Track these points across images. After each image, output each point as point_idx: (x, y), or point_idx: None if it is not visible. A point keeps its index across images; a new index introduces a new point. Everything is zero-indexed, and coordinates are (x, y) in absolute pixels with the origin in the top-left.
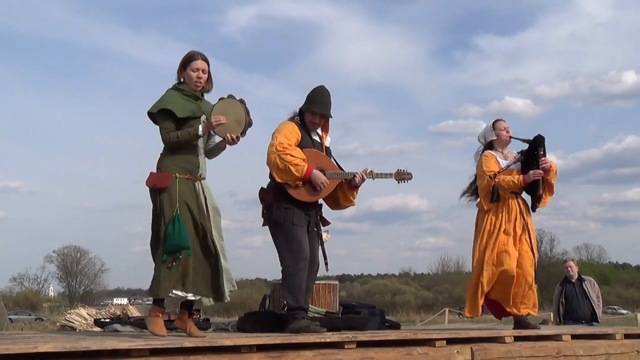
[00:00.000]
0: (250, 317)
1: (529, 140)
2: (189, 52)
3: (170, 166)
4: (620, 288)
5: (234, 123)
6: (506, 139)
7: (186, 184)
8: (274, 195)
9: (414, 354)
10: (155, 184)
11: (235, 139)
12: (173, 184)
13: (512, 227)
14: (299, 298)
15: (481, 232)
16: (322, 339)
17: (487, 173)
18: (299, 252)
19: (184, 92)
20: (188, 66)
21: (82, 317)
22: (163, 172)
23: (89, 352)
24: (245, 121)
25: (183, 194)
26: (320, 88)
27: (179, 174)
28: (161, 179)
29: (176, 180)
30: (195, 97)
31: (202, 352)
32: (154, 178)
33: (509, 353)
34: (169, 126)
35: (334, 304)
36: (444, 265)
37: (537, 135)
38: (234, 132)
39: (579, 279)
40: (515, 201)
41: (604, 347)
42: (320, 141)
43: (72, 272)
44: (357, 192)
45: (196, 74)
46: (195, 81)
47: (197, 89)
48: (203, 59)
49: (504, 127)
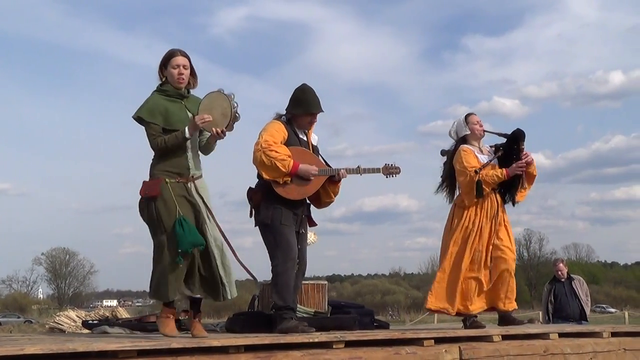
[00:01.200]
0: (239, 318)
1: (506, 134)
2: (168, 50)
3: (159, 172)
4: (609, 287)
5: (220, 117)
6: (480, 133)
7: (177, 187)
8: (262, 195)
9: (402, 354)
10: (147, 192)
11: (220, 133)
12: (164, 190)
13: (491, 223)
14: (287, 297)
15: (458, 228)
16: (311, 339)
17: (469, 169)
18: (287, 252)
19: (167, 92)
20: (168, 64)
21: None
22: (153, 180)
23: (76, 353)
24: (231, 114)
25: (178, 196)
26: (306, 87)
27: (168, 178)
28: (151, 187)
29: (167, 185)
30: (181, 96)
31: (189, 353)
32: (145, 187)
33: (497, 352)
34: (155, 131)
35: (322, 303)
36: (433, 265)
37: (517, 129)
38: (220, 126)
39: (568, 278)
40: (494, 197)
41: (591, 345)
42: (306, 139)
43: (61, 274)
44: (338, 187)
45: (177, 70)
46: (178, 78)
47: (181, 85)
48: (183, 55)
49: (477, 121)
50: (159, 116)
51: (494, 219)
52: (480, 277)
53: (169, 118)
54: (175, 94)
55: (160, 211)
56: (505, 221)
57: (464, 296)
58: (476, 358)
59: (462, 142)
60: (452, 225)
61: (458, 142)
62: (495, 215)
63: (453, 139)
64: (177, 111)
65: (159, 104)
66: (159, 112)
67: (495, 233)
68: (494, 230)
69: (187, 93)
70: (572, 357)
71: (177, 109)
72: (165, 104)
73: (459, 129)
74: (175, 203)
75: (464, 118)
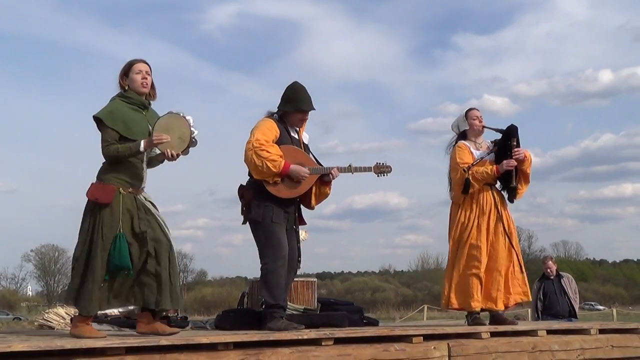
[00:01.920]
0: (228, 315)
1: (502, 130)
2: (129, 61)
3: (113, 179)
4: (597, 284)
5: (177, 140)
6: (479, 129)
7: (129, 198)
8: (253, 193)
9: (391, 350)
10: (97, 198)
11: (175, 156)
12: (116, 200)
13: (486, 220)
14: (277, 295)
15: (455, 225)
16: (300, 335)
17: (460, 165)
18: (278, 250)
19: (131, 99)
20: (130, 71)
21: (60, 317)
22: (106, 185)
23: (64, 350)
24: (189, 140)
25: (125, 210)
26: (297, 85)
27: (122, 188)
28: (104, 193)
29: (119, 196)
30: (143, 106)
31: (178, 350)
32: (95, 191)
33: (486, 349)
34: (112, 137)
35: (312, 300)
36: (423, 263)
37: (510, 125)
38: (176, 150)
39: (557, 276)
40: (490, 193)
41: (579, 342)
42: (298, 138)
43: (50, 271)
44: (329, 187)
45: (140, 75)
46: (141, 82)
47: (145, 90)
48: (145, 62)
49: (477, 117)
50: (120, 123)
51: (489, 215)
52: (479, 274)
53: (131, 127)
54: (138, 102)
55: (104, 220)
56: (503, 218)
57: (465, 293)
58: (465, 355)
59: (461, 137)
60: (450, 223)
61: (458, 137)
62: (490, 211)
63: (455, 133)
64: (138, 121)
65: (122, 111)
66: (121, 119)
67: (491, 230)
68: (491, 226)
69: (148, 104)
70: (560, 354)
71: (139, 119)
72: (128, 112)
73: (459, 123)
74: (120, 217)
75: (465, 113)
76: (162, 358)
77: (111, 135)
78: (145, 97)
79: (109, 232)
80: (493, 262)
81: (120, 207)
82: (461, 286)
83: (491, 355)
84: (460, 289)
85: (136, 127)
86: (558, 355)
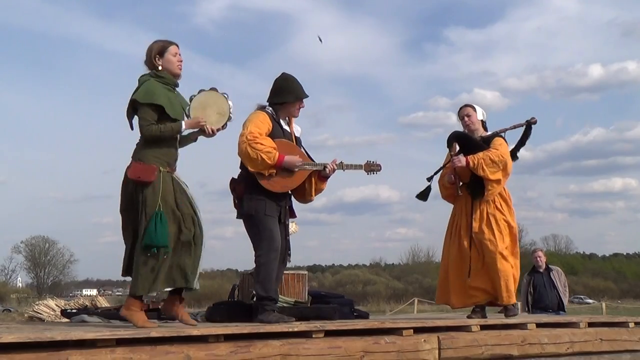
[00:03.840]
0: (219, 307)
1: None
2: (159, 41)
3: (153, 159)
4: (587, 278)
5: (216, 116)
6: (465, 129)
7: (169, 177)
8: (245, 187)
9: (381, 343)
10: (140, 176)
11: (215, 132)
12: (158, 179)
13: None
14: (269, 288)
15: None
16: (290, 328)
17: None
18: (271, 243)
19: (165, 80)
20: (166, 52)
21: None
22: (147, 165)
23: (54, 342)
24: (228, 115)
25: (166, 189)
26: (288, 76)
27: (162, 167)
28: (146, 172)
29: (160, 175)
30: (175, 86)
31: (169, 342)
32: (138, 170)
33: (475, 341)
34: (151, 118)
35: (302, 293)
36: (414, 256)
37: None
38: (215, 125)
39: (546, 269)
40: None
41: (568, 335)
42: (290, 130)
43: (40, 263)
44: (325, 183)
45: (176, 57)
46: (178, 65)
47: (180, 72)
48: (177, 45)
49: (462, 116)
50: (165, 101)
51: (471, 215)
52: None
53: (172, 107)
54: (172, 83)
55: (147, 199)
56: (487, 214)
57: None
58: (455, 347)
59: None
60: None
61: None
62: (471, 211)
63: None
64: (175, 101)
65: (161, 91)
66: (165, 97)
67: (476, 227)
68: (469, 225)
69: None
70: (549, 347)
71: (175, 99)
72: (166, 92)
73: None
74: (160, 196)
75: (458, 111)
76: (152, 350)
77: (151, 115)
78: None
79: (149, 211)
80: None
81: (161, 187)
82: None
83: (481, 348)
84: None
85: (176, 108)
86: (547, 349)
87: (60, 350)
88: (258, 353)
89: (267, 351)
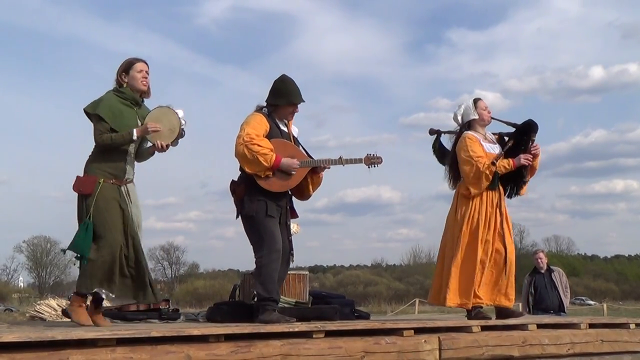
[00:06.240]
0: (220, 308)
1: (516, 124)
2: (129, 58)
3: (96, 171)
4: (588, 279)
5: (168, 131)
6: (488, 120)
7: (111, 188)
8: (245, 188)
9: (382, 344)
10: (81, 189)
11: (165, 147)
12: (95, 190)
13: (496, 213)
14: (270, 289)
15: (466, 219)
16: (291, 328)
17: (474, 158)
18: (272, 244)
19: (124, 95)
20: (131, 69)
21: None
22: (88, 177)
23: (55, 342)
24: (178, 131)
25: (104, 199)
26: (286, 78)
27: (104, 179)
28: (85, 185)
29: (99, 186)
30: (136, 102)
31: (169, 342)
32: (79, 183)
33: (476, 342)
34: (104, 128)
35: (303, 294)
36: (415, 257)
37: (530, 120)
38: (165, 140)
39: (547, 270)
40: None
41: (569, 336)
42: (287, 131)
43: (42, 263)
44: (321, 178)
45: (141, 74)
46: (142, 81)
47: (144, 88)
48: (145, 62)
49: (485, 107)
50: (109, 114)
51: (498, 208)
52: (490, 269)
53: (119, 120)
54: (131, 99)
55: (85, 209)
56: (507, 212)
57: (485, 286)
58: (455, 348)
59: (467, 128)
60: (458, 216)
61: (462, 128)
62: (499, 205)
63: (457, 124)
64: (128, 115)
65: (113, 104)
66: (110, 111)
67: (501, 224)
68: (499, 221)
69: (142, 101)
70: (550, 348)
71: (129, 114)
72: (119, 106)
73: (466, 113)
74: (92, 206)
75: (472, 102)
76: (152, 349)
77: (104, 126)
78: (140, 95)
79: (82, 220)
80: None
81: (96, 197)
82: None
83: (481, 349)
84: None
85: (125, 121)
86: (548, 350)
87: (61, 349)
88: (258, 353)
89: (268, 351)
